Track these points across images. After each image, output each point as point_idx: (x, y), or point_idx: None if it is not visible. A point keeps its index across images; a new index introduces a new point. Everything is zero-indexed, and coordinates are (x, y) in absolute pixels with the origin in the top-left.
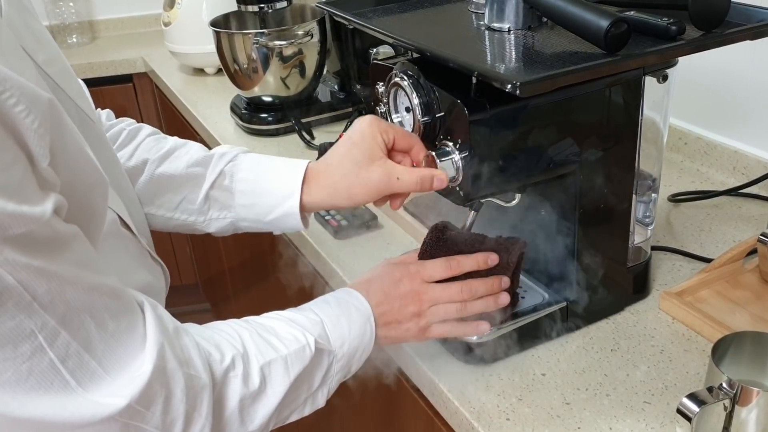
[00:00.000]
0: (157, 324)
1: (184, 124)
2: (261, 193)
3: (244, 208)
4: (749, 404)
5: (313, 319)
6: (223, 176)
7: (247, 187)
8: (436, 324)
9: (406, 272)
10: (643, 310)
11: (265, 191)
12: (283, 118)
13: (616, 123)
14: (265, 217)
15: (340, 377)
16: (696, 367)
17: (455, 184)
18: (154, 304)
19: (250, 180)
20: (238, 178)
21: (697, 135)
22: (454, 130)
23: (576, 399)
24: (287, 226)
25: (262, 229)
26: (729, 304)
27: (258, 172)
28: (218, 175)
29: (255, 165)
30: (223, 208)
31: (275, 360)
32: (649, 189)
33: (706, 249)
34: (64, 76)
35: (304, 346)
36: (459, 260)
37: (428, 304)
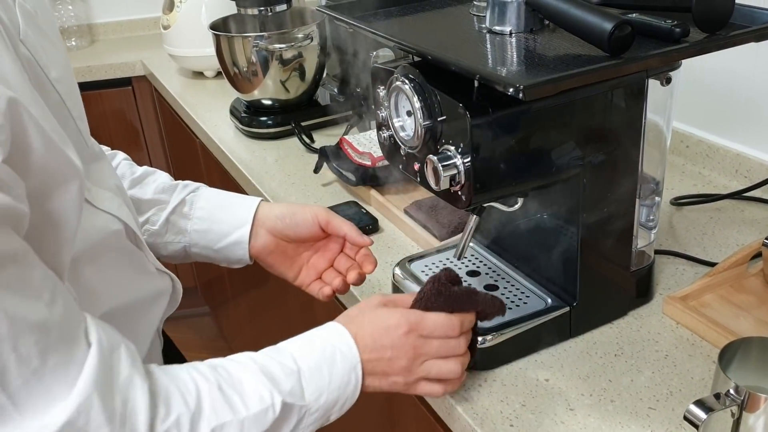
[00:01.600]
0: (95, 372)
1: (183, 128)
2: (215, 221)
3: (198, 234)
4: (757, 411)
5: (288, 369)
6: (184, 203)
7: (204, 214)
8: (425, 382)
9: (405, 321)
10: (647, 315)
11: (220, 220)
12: (283, 121)
13: (619, 126)
14: (215, 244)
15: (314, 428)
16: (701, 372)
17: (457, 189)
18: (111, 347)
19: (207, 209)
20: (196, 206)
21: (699, 138)
22: (455, 134)
23: (580, 405)
24: (234, 256)
25: (211, 259)
26: (733, 308)
27: (215, 204)
28: (179, 202)
29: (214, 196)
30: (179, 233)
31: (229, 423)
32: (652, 193)
33: (709, 253)
34: (71, 96)
35: (268, 408)
36: (461, 320)
37: (423, 359)
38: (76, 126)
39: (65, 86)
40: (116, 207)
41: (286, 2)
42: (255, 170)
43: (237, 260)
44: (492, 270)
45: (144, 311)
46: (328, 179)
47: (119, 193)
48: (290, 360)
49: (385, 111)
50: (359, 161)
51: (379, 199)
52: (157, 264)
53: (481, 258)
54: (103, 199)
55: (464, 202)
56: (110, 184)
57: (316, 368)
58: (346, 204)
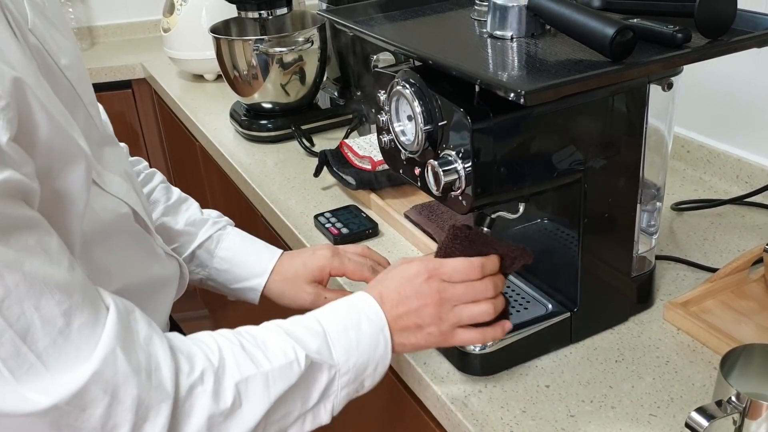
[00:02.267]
0: (116, 329)
1: (182, 131)
2: (237, 264)
3: (218, 272)
4: (759, 418)
5: (314, 330)
6: (211, 240)
7: (227, 255)
8: (461, 329)
9: (423, 268)
10: (648, 321)
11: (241, 264)
12: (283, 125)
13: (621, 131)
14: (231, 284)
15: (348, 393)
16: (702, 379)
17: (458, 194)
18: (126, 310)
19: (231, 250)
20: (222, 246)
21: (699, 143)
22: (456, 139)
23: (581, 411)
24: (244, 297)
25: (222, 292)
26: (734, 314)
27: (239, 248)
28: (207, 238)
29: (239, 241)
30: (200, 266)
31: (253, 376)
32: (653, 198)
33: (710, 258)
34: (81, 82)
35: (292, 362)
36: (482, 261)
37: (451, 304)
38: (86, 111)
39: (75, 73)
40: (125, 192)
41: (287, 6)
42: (255, 174)
43: (246, 299)
44: None
45: (153, 293)
46: (328, 183)
47: (128, 179)
48: (315, 322)
49: (386, 115)
50: (359, 165)
51: (379, 203)
52: (165, 248)
53: None
54: (112, 183)
55: (465, 207)
56: (120, 170)
57: (342, 330)
58: (346, 208)
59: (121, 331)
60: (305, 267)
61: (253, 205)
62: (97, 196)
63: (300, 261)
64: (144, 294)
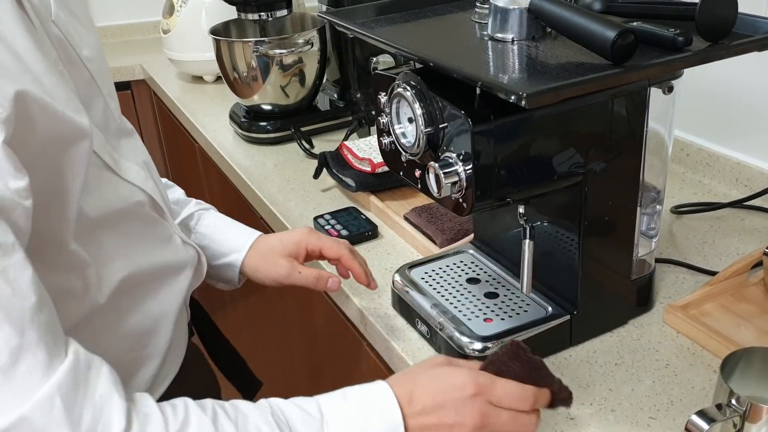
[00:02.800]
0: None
1: (182, 133)
2: (215, 240)
3: None
4: (759, 421)
5: (309, 417)
6: (191, 217)
7: (206, 232)
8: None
9: (472, 381)
10: (647, 324)
11: (219, 240)
12: (283, 126)
13: (621, 134)
14: (211, 261)
15: None
16: (702, 382)
17: (458, 196)
18: (88, 363)
19: (211, 227)
20: (202, 222)
21: (699, 146)
22: (457, 142)
23: (581, 414)
24: (224, 276)
25: None
26: (734, 317)
27: (220, 225)
28: (188, 215)
29: (220, 219)
30: None
31: None
32: (653, 201)
33: (710, 261)
34: (101, 74)
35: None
36: (536, 394)
37: (489, 431)
38: (105, 102)
39: (96, 65)
40: (142, 180)
41: (287, 7)
42: (254, 175)
43: (227, 281)
44: (492, 277)
45: (168, 280)
46: (328, 185)
47: (146, 168)
48: (314, 408)
49: (386, 117)
50: (359, 167)
51: (379, 205)
52: (183, 236)
53: (480, 265)
54: (129, 171)
55: (465, 209)
56: (138, 160)
57: (346, 422)
58: (345, 210)
59: (70, 381)
60: (281, 242)
61: (252, 206)
62: (111, 184)
63: (277, 238)
64: (156, 279)
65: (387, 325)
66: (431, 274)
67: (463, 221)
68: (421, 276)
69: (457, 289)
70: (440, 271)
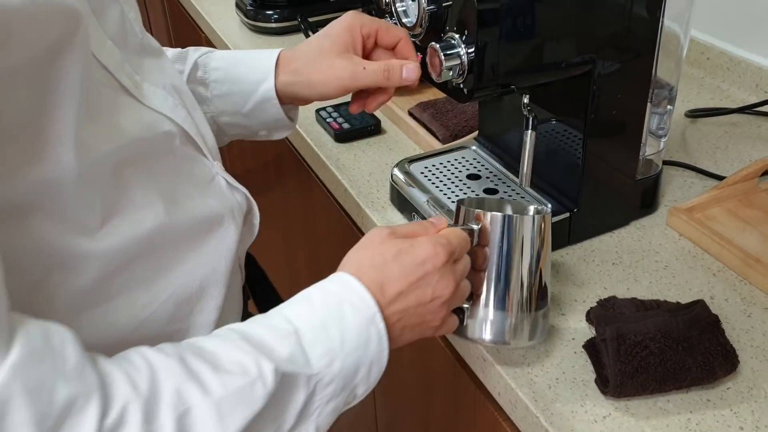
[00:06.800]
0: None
1: (189, 22)
2: (234, 80)
3: (220, 100)
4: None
5: (283, 331)
6: (197, 67)
7: (220, 75)
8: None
9: (436, 251)
10: (650, 226)
11: (239, 78)
12: (290, 15)
13: (635, 28)
14: (242, 107)
15: (336, 406)
16: (699, 284)
17: (459, 81)
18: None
19: (222, 69)
20: (211, 67)
21: (720, 49)
22: (460, 21)
23: (572, 310)
24: (268, 117)
25: (248, 129)
26: (739, 222)
27: (230, 61)
28: (192, 66)
29: (228, 55)
30: (200, 103)
31: (201, 406)
32: (665, 99)
33: (720, 167)
34: None
35: (254, 380)
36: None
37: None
38: (122, 11)
39: None
40: (169, 107)
41: None
42: None
43: (274, 121)
44: (492, 174)
45: (212, 233)
46: None
47: (175, 93)
48: (283, 321)
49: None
50: None
51: None
52: (229, 178)
53: (482, 161)
54: (153, 96)
55: (466, 96)
56: (165, 83)
57: (320, 327)
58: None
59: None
60: (329, 37)
61: None
62: (131, 110)
63: (320, 37)
64: (196, 232)
65: (383, 218)
66: (431, 169)
67: (470, 118)
68: (421, 170)
69: (457, 185)
70: (441, 166)
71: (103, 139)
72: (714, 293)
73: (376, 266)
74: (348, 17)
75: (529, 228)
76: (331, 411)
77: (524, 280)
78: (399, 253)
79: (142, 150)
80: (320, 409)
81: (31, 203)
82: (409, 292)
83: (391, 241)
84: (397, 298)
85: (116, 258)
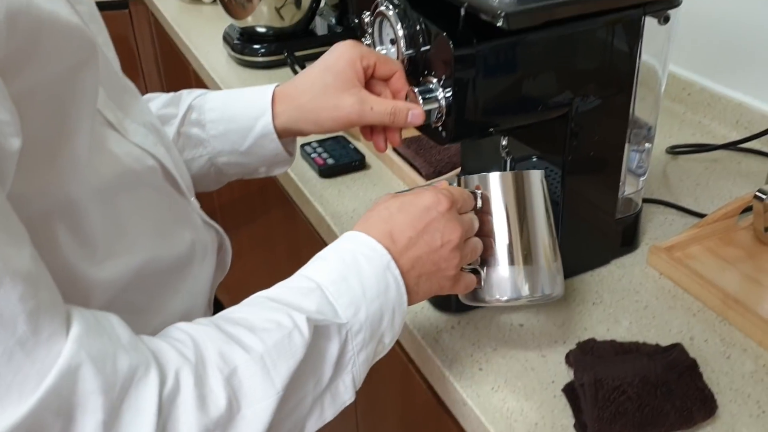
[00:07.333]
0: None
1: (177, 54)
2: (231, 118)
3: (218, 140)
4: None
5: (306, 288)
6: (191, 110)
7: (216, 115)
8: (462, 272)
9: (439, 197)
10: (630, 264)
11: (236, 115)
12: (277, 50)
13: (612, 66)
14: (241, 145)
15: (368, 356)
16: (679, 325)
17: (438, 124)
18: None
19: (218, 108)
20: (206, 108)
21: (701, 86)
22: (438, 65)
23: (552, 352)
24: (267, 153)
25: (245, 168)
26: (719, 261)
27: (226, 100)
28: (187, 109)
29: (223, 95)
30: (197, 145)
31: (246, 364)
32: (644, 138)
33: (701, 204)
34: (94, 20)
35: (291, 331)
36: None
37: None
38: (102, 52)
39: (87, 8)
40: (150, 143)
41: None
42: None
43: (273, 156)
44: None
45: (190, 269)
46: None
47: (154, 130)
48: (304, 280)
49: (370, 38)
50: None
51: None
52: (203, 215)
53: None
54: (136, 133)
55: (445, 139)
56: (145, 120)
57: (340, 279)
58: (334, 139)
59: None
60: (331, 70)
61: None
62: (118, 143)
63: (320, 68)
64: (177, 267)
65: None
66: None
67: (452, 154)
68: None
69: None
70: None
71: (105, 163)
72: (694, 334)
73: (383, 219)
74: (347, 49)
75: (536, 183)
76: (363, 361)
77: (538, 232)
78: (403, 205)
79: (134, 180)
80: (354, 358)
81: (54, 216)
82: (418, 238)
83: (394, 197)
84: (407, 245)
85: (111, 290)
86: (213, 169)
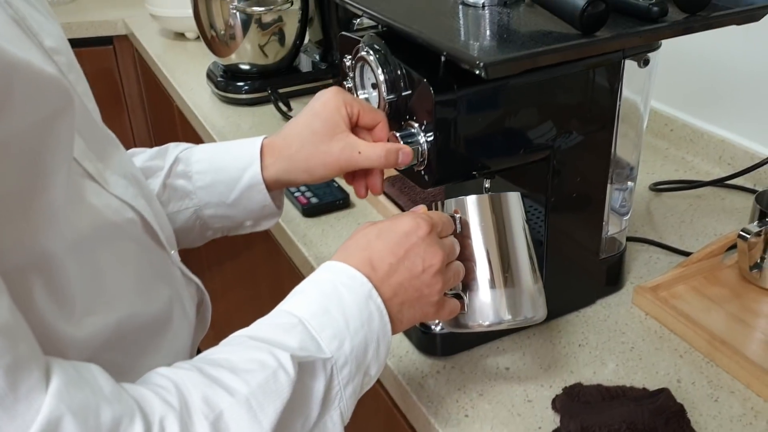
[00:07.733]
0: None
1: (161, 91)
2: (218, 169)
3: (204, 191)
4: None
5: (287, 324)
6: (178, 162)
7: (203, 167)
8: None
9: (418, 221)
10: (615, 304)
11: (223, 166)
12: (260, 87)
13: (593, 108)
14: (227, 197)
15: (354, 389)
16: (666, 367)
17: (420, 168)
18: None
19: (205, 160)
20: (193, 159)
21: (683, 122)
22: (419, 111)
23: (539, 396)
24: (255, 205)
25: (232, 220)
26: (705, 301)
27: (213, 152)
28: (173, 161)
29: (210, 147)
30: (183, 197)
31: (231, 407)
32: (626, 178)
33: (686, 242)
34: (72, 70)
35: (275, 370)
36: None
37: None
38: (81, 103)
39: (65, 59)
40: (131, 195)
41: None
42: (228, 137)
43: (260, 209)
44: None
45: (167, 326)
46: None
47: (135, 182)
48: (285, 315)
49: (351, 82)
50: None
51: None
52: (184, 268)
53: None
54: (117, 185)
55: (427, 182)
56: (125, 171)
57: (322, 312)
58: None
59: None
60: (319, 117)
61: None
62: (98, 195)
63: (304, 120)
64: (154, 325)
65: None
66: None
67: (437, 192)
68: None
69: None
70: None
71: (83, 215)
72: (681, 376)
73: (361, 247)
74: (333, 96)
75: (513, 204)
76: (350, 395)
77: (519, 253)
78: (381, 231)
79: (114, 234)
80: (341, 393)
81: (30, 271)
82: (399, 264)
83: (371, 225)
84: (388, 272)
85: (88, 349)
86: (198, 222)
